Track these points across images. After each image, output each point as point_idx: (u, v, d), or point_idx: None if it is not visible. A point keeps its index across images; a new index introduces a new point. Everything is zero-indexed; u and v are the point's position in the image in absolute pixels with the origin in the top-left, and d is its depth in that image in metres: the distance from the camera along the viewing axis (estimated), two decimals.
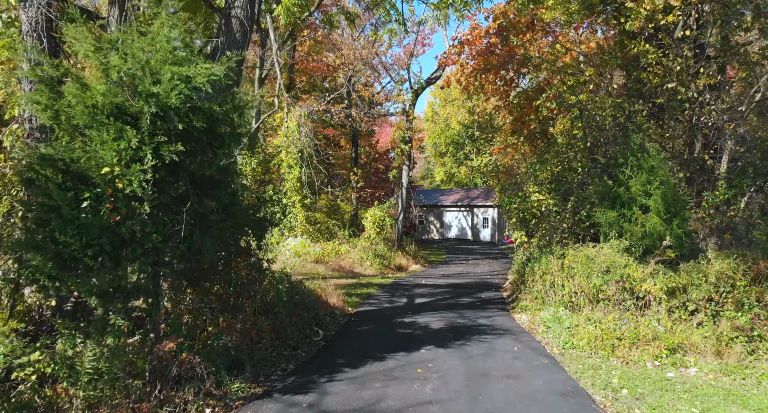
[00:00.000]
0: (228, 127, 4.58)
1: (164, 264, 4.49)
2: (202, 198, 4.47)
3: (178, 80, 4.08)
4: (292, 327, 6.28)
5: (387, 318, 8.24)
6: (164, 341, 4.55)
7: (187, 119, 4.18)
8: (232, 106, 4.57)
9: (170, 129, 4.08)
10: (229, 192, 4.80)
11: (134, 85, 3.93)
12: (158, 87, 3.95)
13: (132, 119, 4.04)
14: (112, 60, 3.85)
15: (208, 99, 4.69)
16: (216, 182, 4.69)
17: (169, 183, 4.22)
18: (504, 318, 8.50)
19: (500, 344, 6.58)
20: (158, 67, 4.02)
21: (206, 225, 4.55)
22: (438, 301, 10.23)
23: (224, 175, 4.79)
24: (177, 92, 4.02)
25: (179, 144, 4.03)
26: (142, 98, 3.89)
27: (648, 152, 9.27)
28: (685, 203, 9.24)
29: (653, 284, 6.84)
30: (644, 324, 6.31)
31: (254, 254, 6.05)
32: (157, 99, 3.94)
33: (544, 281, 8.58)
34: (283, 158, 17.17)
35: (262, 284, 6.46)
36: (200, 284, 5.33)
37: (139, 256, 3.95)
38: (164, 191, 4.17)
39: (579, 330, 6.61)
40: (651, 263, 7.51)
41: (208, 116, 4.35)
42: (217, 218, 4.63)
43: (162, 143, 3.99)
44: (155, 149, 3.98)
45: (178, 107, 4.06)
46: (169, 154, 3.98)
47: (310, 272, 13.55)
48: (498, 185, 14.86)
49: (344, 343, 6.57)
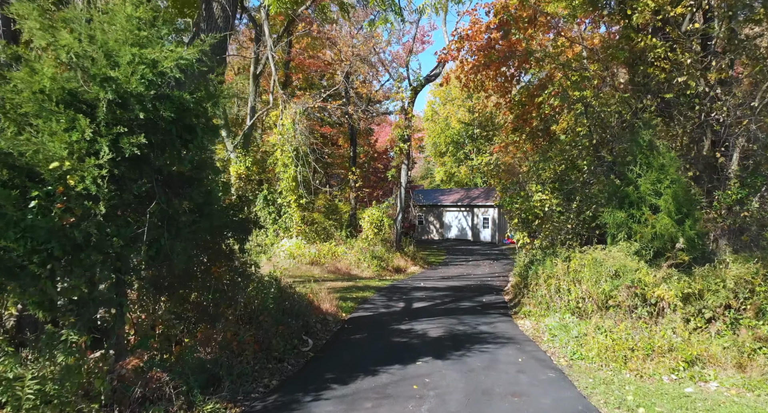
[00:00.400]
0: (201, 118, 4.11)
1: (129, 271, 4.02)
2: (171, 197, 4.00)
3: (141, 64, 3.61)
4: (278, 336, 5.80)
5: (382, 325, 7.77)
6: (129, 356, 4.07)
7: (152, 108, 3.72)
8: (205, 94, 4.10)
9: (132, 119, 3.61)
10: (204, 191, 4.32)
11: (89, 69, 3.45)
12: (116, 71, 3.48)
13: (88, 108, 3.56)
14: (62, 39, 3.38)
15: (180, 87, 4.22)
16: (188, 179, 4.22)
17: (131, 180, 3.75)
18: (506, 324, 8.02)
19: (503, 354, 6.10)
20: (116, 48, 3.54)
21: (176, 227, 4.07)
22: (437, 305, 9.76)
23: (198, 171, 4.31)
24: (139, 77, 3.55)
25: (142, 136, 3.56)
26: (97, 83, 3.41)
27: (658, 149, 8.80)
28: (698, 203, 8.77)
29: (667, 290, 6.37)
30: (659, 334, 5.83)
31: (236, 258, 5.58)
32: (114, 84, 3.46)
33: (549, 286, 8.11)
34: (278, 156, 16.69)
35: (246, 290, 5.99)
36: (175, 292, 4.86)
37: (95, 263, 3.48)
38: (125, 188, 3.70)
39: (588, 339, 6.14)
40: (663, 266, 7.03)
41: (177, 105, 3.88)
42: (190, 219, 4.15)
43: (121, 134, 3.51)
44: (113, 142, 3.51)
45: (141, 93, 3.59)
46: (130, 147, 3.51)
47: (304, 275, 13.08)
48: (499, 184, 14.37)
49: (335, 354, 6.09)
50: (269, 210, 17.13)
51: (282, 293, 7.02)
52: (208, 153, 4.43)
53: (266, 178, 19.72)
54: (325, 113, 21.09)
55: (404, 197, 20.35)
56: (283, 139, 15.81)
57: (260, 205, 17.23)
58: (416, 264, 17.96)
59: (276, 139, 16.74)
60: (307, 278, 12.51)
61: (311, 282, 11.77)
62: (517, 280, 11.34)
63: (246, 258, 5.89)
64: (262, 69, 18.15)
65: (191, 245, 4.45)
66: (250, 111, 17.75)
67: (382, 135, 33.78)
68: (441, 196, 35.73)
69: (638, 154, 8.81)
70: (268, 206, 17.19)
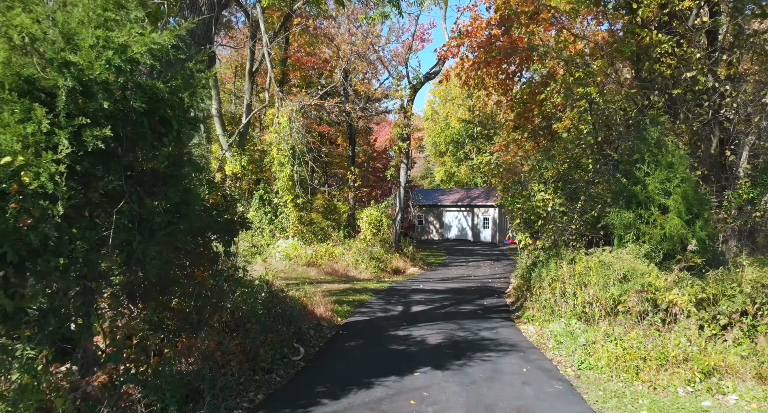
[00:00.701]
0: (177, 109, 3.75)
1: (97, 278, 3.66)
2: (143, 196, 3.64)
3: (107, 48, 3.25)
4: (267, 345, 5.44)
5: (379, 331, 7.40)
6: (98, 371, 3.71)
7: (120, 98, 3.36)
8: (181, 83, 3.74)
9: (97, 109, 3.24)
10: (182, 189, 3.96)
11: (46, 53, 3.09)
12: (78, 55, 3.12)
13: (47, 97, 3.20)
14: (14, 19, 3.02)
15: (156, 76, 3.87)
16: (163, 176, 3.86)
17: (97, 177, 3.39)
18: (509, 329, 7.67)
19: (506, 364, 5.74)
20: (79, 30, 3.18)
21: (149, 229, 3.71)
22: (436, 309, 9.40)
23: (175, 168, 3.94)
24: (104, 62, 3.19)
25: (108, 128, 3.20)
26: (55, 68, 3.05)
27: (666, 146, 8.45)
28: (708, 203, 8.42)
29: (680, 295, 6.01)
30: (672, 342, 5.47)
31: (222, 261, 5.22)
32: (76, 70, 3.10)
33: (554, 289, 7.75)
34: (275, 155, 16.32)
35: (233, 295, 5.64)
36: (153, 299, 4.50)
37: (53, 269, 3.12)
38: (90, 186, 3.34)
39: (596, 347, 5.77)
40: (675, 269, 6.67)
41: (149, 94, 3.52)
42: (165, 220, 3.79)
43: (84, 126, 3.15)
44: (75, 134, 3.15)
45: (107, 81, 3.23)
46: (93, 140, 3.15)
47: (300, 277, 12.73)
48: (500, 183, 14.01)
49: (328, 363, 5.73)
50: (265, 210, 16.77)
51: (273, 298, 6.67)
52: (187, 148, 4.07)
53: (264, 177, 19.37)
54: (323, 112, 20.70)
55: (403, 197, 19.99)
56: (279, 137, 15.45)
57: (256, 205, 16.87)
58: (415, 265, 17.60)
59: (272, 137, 16.37)
60: (303, 280, 12.16)
61: (307, 284, 11.43)
62: (519, 282, 10.98)
63: (232, 261, 5.53)
64: (258, 66, 17.79)
65: (168, 249, 4.08)
66: (246, 109, 17.39)
67: (381, 134, 33.42)
68: (441, 196, 35.37)
69: (646, 152, 8.45)
70: (265, 205, 16.83)
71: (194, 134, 4.16)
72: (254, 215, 16.90)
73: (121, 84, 3.37)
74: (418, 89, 19.90)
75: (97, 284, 3.67)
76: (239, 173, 17.09)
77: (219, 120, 17.30)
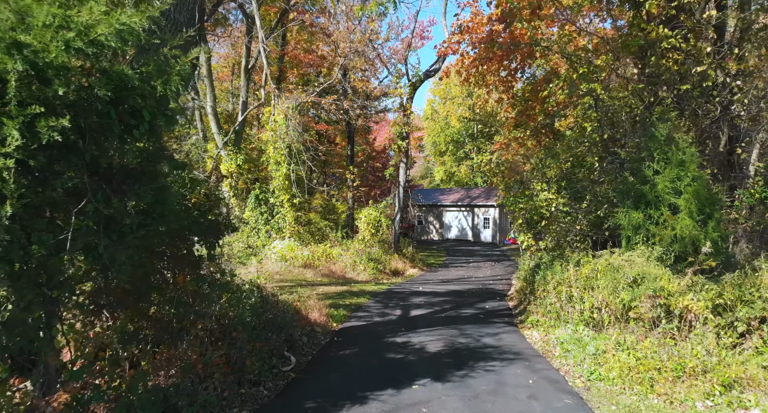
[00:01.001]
0: (149, 99, 3.38)
1: (59, 286, 3.29)
2: (110, 195, 3.27)
3: (66, 28, 2.88)
4: (255, 355, 5.07)
5: (376, 337, 7.04)
6: (60, 389, 3.35)
7: (82, 85, 3.00)
8: (154, 69, 3.38)
9: (54, 97, 2.88)
10: (156, 187, 3.59)
11: None
12: (29, 35, 2.76)
13: None
14: None
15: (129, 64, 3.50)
16: (135, 173, 3.49)
17: (55, 174, 3.02)
18: (512, 335, 7.31)
19: (511, 374, 5.38)
20: (32, 7, 2.82)
21: (118, 232, 3.35)
22: (436, 313, 9.04)
23: (148, 164, 3.58)
24: (61, 44, 2.82)
25: (66, 118, 2.84)
26: (3, 49, 2.69)
27: (677, 143, 8.09)
28: (720, 203, 8.06)
29: (696, 301, 5.65)
30: (690, 352, 5.11)
31: (206, 265, 4.86)
32: (28, 51, 2.74)
33: (559, 293, 7.39)
34: (270, 153, 15.95)
35: (219, 302, 5.27)
36: (129, 307, 4.14)
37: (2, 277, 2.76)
38: (47, 184, 2.98)
39: (607, 357, 5.41)
40: (688, 273, 6.31)
41: (116, 81, 3.15)
42: (136, 221, 3.43)
43: (38, 115, 2.79)
44: (28, 125, 2.78)
45: (65, 65, 2.87)
46: (49, 132, 2.79)
47: (296, 279, 12.37)
48: (502, 183, 13.64)
49: (320, 374, 5.36)
50: (261, 210, 16.39)
51: (264, 304, 6.31)
52: (163, 143, 3.70)
53: (262, 177, 19.00)
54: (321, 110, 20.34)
55: (403, 197, 19.62)
56: (275, 135, 15.08)
57: (252, 204, 16.50)
58: (415, 266, 17.24)
59: (268, 135, 16.00)
60: (299, 283, 11.80)
61: (302, 287, 11.07)
62: (522, 285, 10.62)
63: (219, 264, 5.17)
64: (255, 63, 17.42)
65: (142, 253, 3.72)
66: (242, 106, 17.03)
67: (380, 134, 33.07)
68: (441, 196, 35.00)
69: (655, 149, 8.09)
70: (261, 205, 16.45)
71: (172, 127, 3.79)
72: (250, 216, 16.53)
73: (83, 69, 3.01)
74: (417, 87, 19.55)
75: (59, 292, 3.30)
76: (235, 172, 16.73)
77: (214, 118, 16.94)
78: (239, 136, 17.39)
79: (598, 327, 6.57)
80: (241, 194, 17.32)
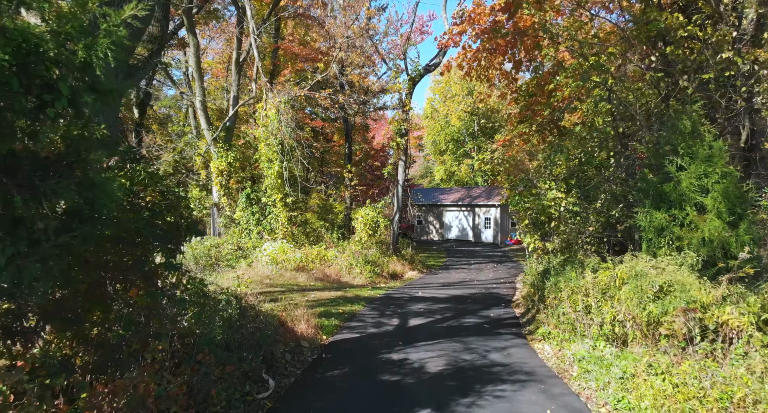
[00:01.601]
0: (67, 67, 2.61)
1: None
2: (12, 192, 2.51)
3: None
4: (224, 381, 4.31)
5: (369, 353, 6.27)
6: None
7: None
8: (73, 28, 2.61)
9: None
10: (84, 183, 2.82)
11: None
12: None
13: None
14: None
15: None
16: (52, 165, 2.73)
17: None
18: (522, 350, 6.54)
19: (525, 401, 4.61)
20: None
21: (28, 238, 2.58)
22: (437, 323, 8.27)
23: (72, 153, 2.81)
24: None
25: None
26: None
27: (702, 137, 7.33)
28: (752, 202, 7.30)
29: (737, 315, 4.88)
30: (737, 378, 4.35)
31: (163, 276, 4.08)
32: None
33: (574, 303, 6.63)
34: (262, 150, 15.17)
35: (184, 317, 4.51)
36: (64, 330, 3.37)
37: None
38: None
39: (637, 382, 4.64)
40: (723, 281, 5.55)
41: (16, 43, 2.39)
42: (53, 225, 2.66)
43: None
44: None
45: None
46: None
47: (287, 283, 11.60)
48: (507, 181, 12.87)
49: (301, 404, 4.58)
50: (253, 210, 15.61)
51: (242, 317, 5.55)
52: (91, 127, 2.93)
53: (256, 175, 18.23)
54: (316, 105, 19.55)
55: (402, 196, 18.85)
56: (267, 131, 14.30)
57: (243, 204, 15.72)
58: (414, 269, 16.48)
59: (260, 131, 15.22)
60: (289, 288, 11.04)
61: (292, 292, 10.30)
62: (529, 290, 9.86)
63: (182, 273, 4.39)
64: (246, 56, 16.65)
65: (67, 263, 2.96)
66: (233, 101, 16.27)
67: (379, 132, 32.31)
68: (441, 195, 34.22)
69: (679, 143, 7.32)
70: (252, 205, 15.67)
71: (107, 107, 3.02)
72: (241, 216, 15.76)
73: None
74: (417, 82, 18.78)
75: None
76: (225, 170, 15.96)
77: (203, 113, 16.16)
78: (230, 132, 16.61)
79: (618, 340, 5.81)
80: (232, 193, 16.55)
